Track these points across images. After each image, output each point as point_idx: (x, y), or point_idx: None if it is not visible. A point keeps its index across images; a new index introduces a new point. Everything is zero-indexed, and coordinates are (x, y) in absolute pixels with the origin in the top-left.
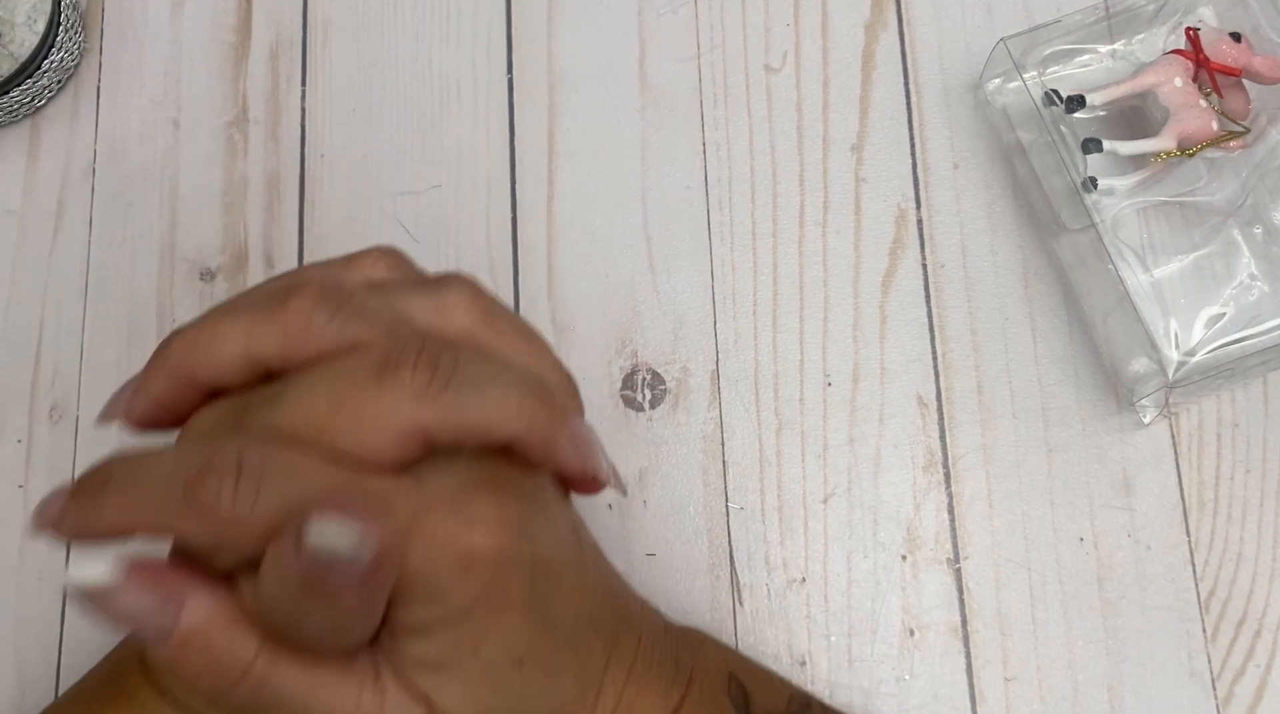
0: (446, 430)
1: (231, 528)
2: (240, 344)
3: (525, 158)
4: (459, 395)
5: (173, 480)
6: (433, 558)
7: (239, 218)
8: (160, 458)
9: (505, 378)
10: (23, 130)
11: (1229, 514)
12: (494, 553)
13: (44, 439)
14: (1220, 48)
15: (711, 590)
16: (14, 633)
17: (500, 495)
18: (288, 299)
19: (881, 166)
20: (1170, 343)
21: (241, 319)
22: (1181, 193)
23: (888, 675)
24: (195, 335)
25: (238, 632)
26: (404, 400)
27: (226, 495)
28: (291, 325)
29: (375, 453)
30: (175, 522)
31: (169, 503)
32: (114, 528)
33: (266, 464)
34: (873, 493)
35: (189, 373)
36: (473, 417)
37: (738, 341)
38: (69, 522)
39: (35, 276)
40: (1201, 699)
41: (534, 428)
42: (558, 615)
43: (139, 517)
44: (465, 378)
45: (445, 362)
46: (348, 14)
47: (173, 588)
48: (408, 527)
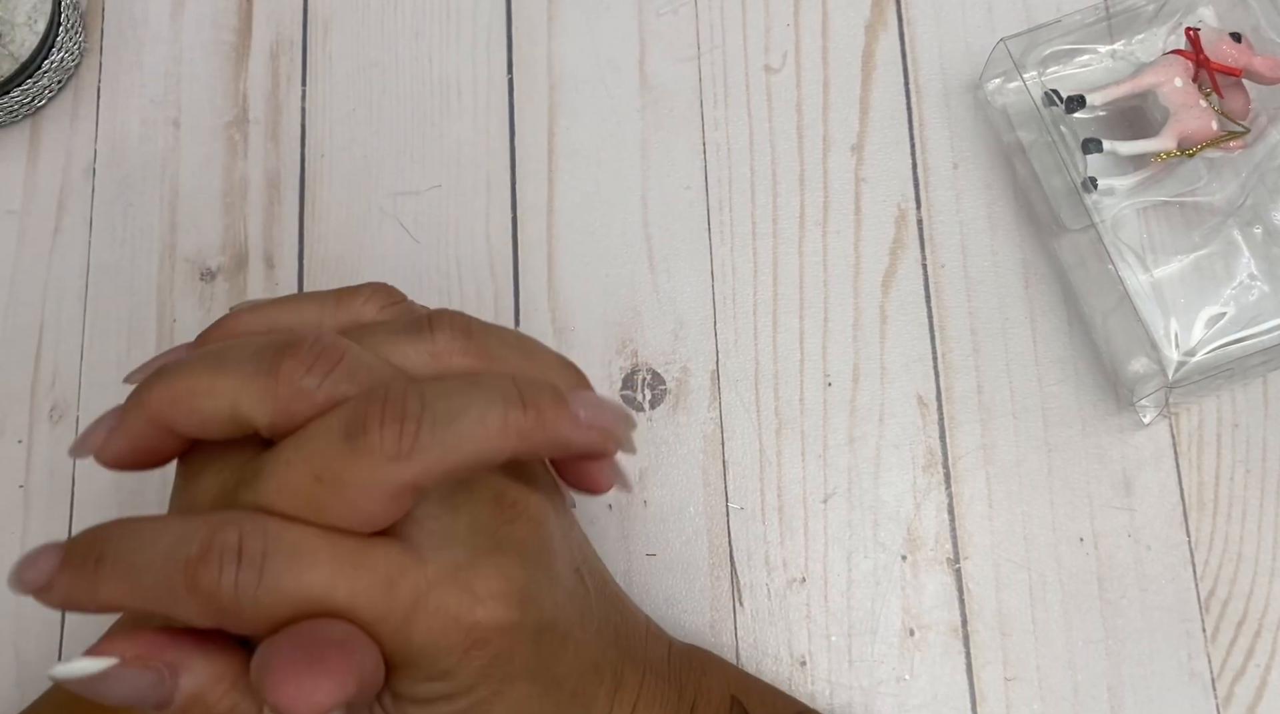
0: (434, 478)
1: (232, 614)
2: (227, 404)
3: (525, 158)
4: (434, 438)
5: (172, 562)
6: (436, 638)
7: (239, 218)
8: (159, 532)
9: (479, 399)
10: (23, 130)
11: (1229, 514)
12: (499, 628)
13: (44, 439)
14: (1220, 48)
15: (711, 590)
16: (14, 633)
17: (502, 565)
18: (279, 362)
19: (881, 166)
20: (1170, 343)
21: (230, 377)
22: (1181, 193)
23: (888, 675)
24: (179, 386)
25: (238, 694)
26: (380, 463)
27: (228, 582)
28: (282, 391)
29: (368, 520)
30: (174, 605)
31: (168, 585)
32: (107, 606)
33: (268, 546)
34: (873, 493)
35: (170, 423)
36: (455, 455)
37: (738, 342)
38: (58, 592)
39: (35, 276)
40: (1201, 699)
41: (525, 434)
42: (563, 674)
43: (135, 598)
44: (436, 416)
45: (412, 408)
46: (348, 14)
47: (167, 661)
48: (410, 609)
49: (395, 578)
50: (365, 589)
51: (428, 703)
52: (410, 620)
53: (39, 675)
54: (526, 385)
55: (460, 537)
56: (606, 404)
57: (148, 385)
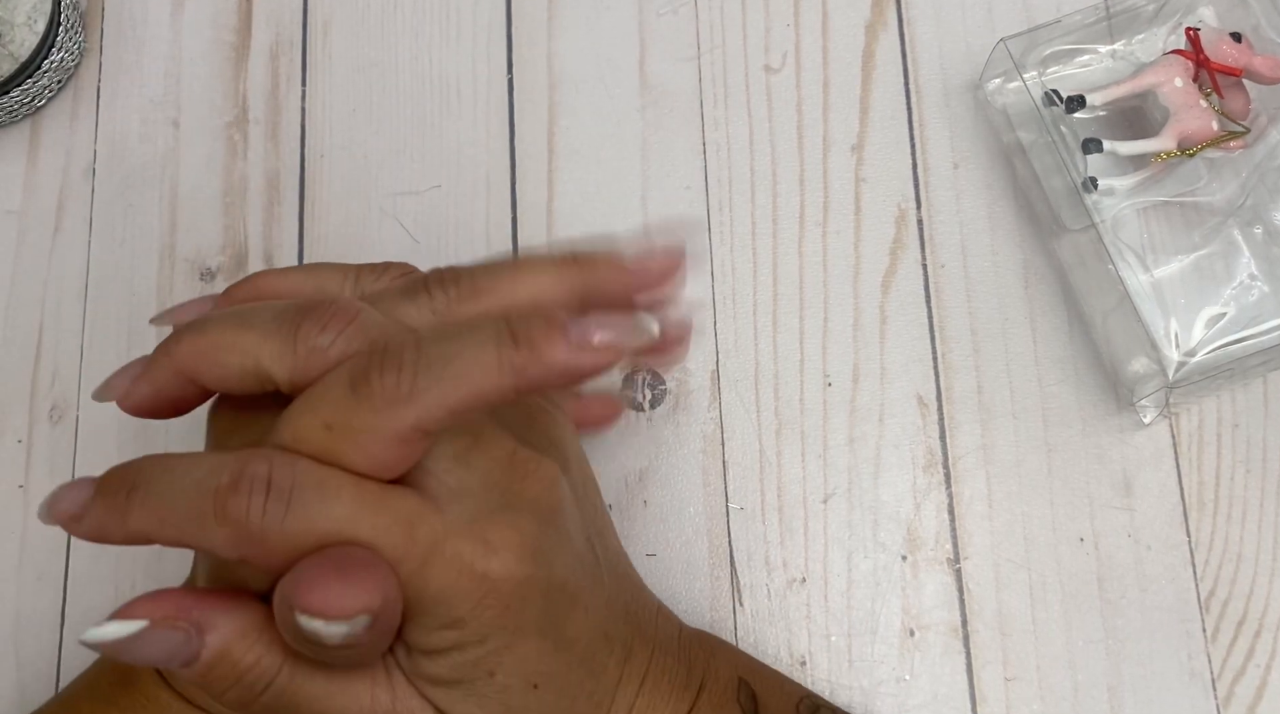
0: (435, 420)
1: (259, 543)
2: (250, 360)
3: (525, 158)
4: (430, 380)
5: (203, 490)
6: (451, 584)
7: (239, 218)
8: (191, 465)
9: (472, 341)
10: (23, 130)
11: (1229, 514)
12: (511, 580)
13: (44, 439)
14: (1220, 48)
15: (711, 591)
16: (14, 633)
17: (515, 519)
18: (300, 322)
19: (881, 166)
20: (1170, 343)
21: (254, 334)
22: (1182, 193)
23: (888, 676)
24: (206, 340)
25: (260, 649)
26: (382, 407)
27: (256, 509)
28: (300, 349)
29: (381, 465)
30: (202, 533)
31: (197, 513)
32: (137, 536)
33: (296, 479)
34: (873, 493)
35: (195, 374)
36: (453, 395)
37: (738, 342)
38: (90, 522)
39: (35, 276)
40: (1201, 699)
41: (520, 368)
42: (573, 636)
43: (165, 526)
44: (431, 360)
45: (409, 355)
46: (348, 14)
47: (193, 620)
48: (428, 553)
49: (414, 522)
50: (387, 528)
51: (440, 653)
52: (427, 564)
53: (39, 675)
54: (519, 321)
55: (475, 491)
56: (610, 317)
57: (176, 338)
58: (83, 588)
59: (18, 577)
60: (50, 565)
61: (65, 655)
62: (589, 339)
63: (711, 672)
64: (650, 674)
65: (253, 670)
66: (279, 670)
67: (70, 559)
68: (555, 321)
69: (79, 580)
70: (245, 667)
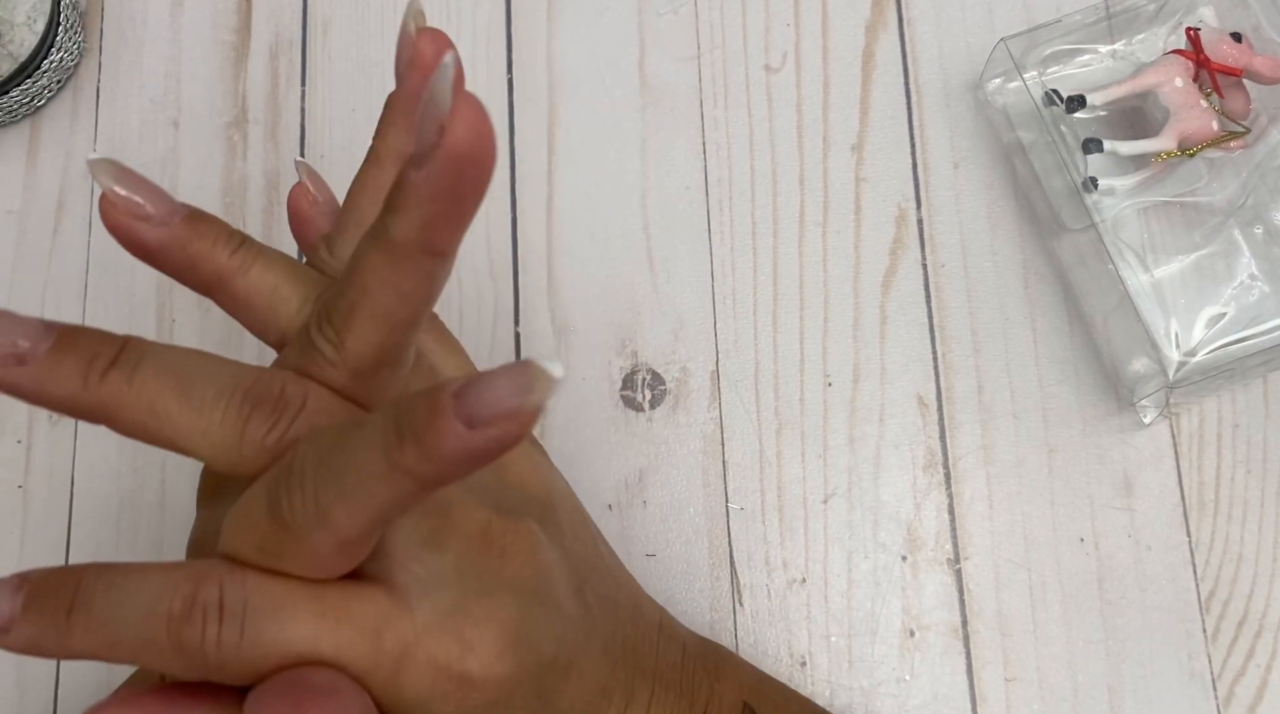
0: (359, 534)
1: (217, 669)
2: (189, 445)
3: (525, 158)
4: (333, 498)
5: (154, 616)
6: (428, 689)
7: (239, 218)
8: (138, 585)
9: (361, 443)
10: (22, 130)
11: (1229, 514)
12: (494, 678)
13: (43, 440)
14: (1221, 48)
15: (711, 591)
16: None
17: (494, 608)
18: (249, 417)
19: (881, 166)
20: (1171, 343)
21: (195, 416)
22: (1182, 193)
23: (888, 676)
24: (140, 397)
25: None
26: (301, 534)
27: (211, 638)
28: (245, 451)
29: (328, 571)
30: (159, 661)
31: (150, 643)
32: (78, 655)
33: (248, 601)
34: (873, 493)
35: (115, 423)
36: (360, 511)
37: (738, 342)
38: (21, 638)
39: (35, 276)
40: (1202, 699)
41: (413, 470)
42: (566, 707)
43: (114, 650)
44: (325, 476)
45: (310, 471)
46: (348, 14)
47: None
48: (399, 660)
49: (381, 628)
50: (350, 642)
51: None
52: (400, 672)
53: (39, 676)
54: (405, 410)
55: (449, 579)
56: (500, 376)
57: (102, 371)
58: None
59: None
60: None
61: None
62: (482, 412)
63: (715, 697)
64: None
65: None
66: None
67: (70, 560)
68: (439, 404)
69: None
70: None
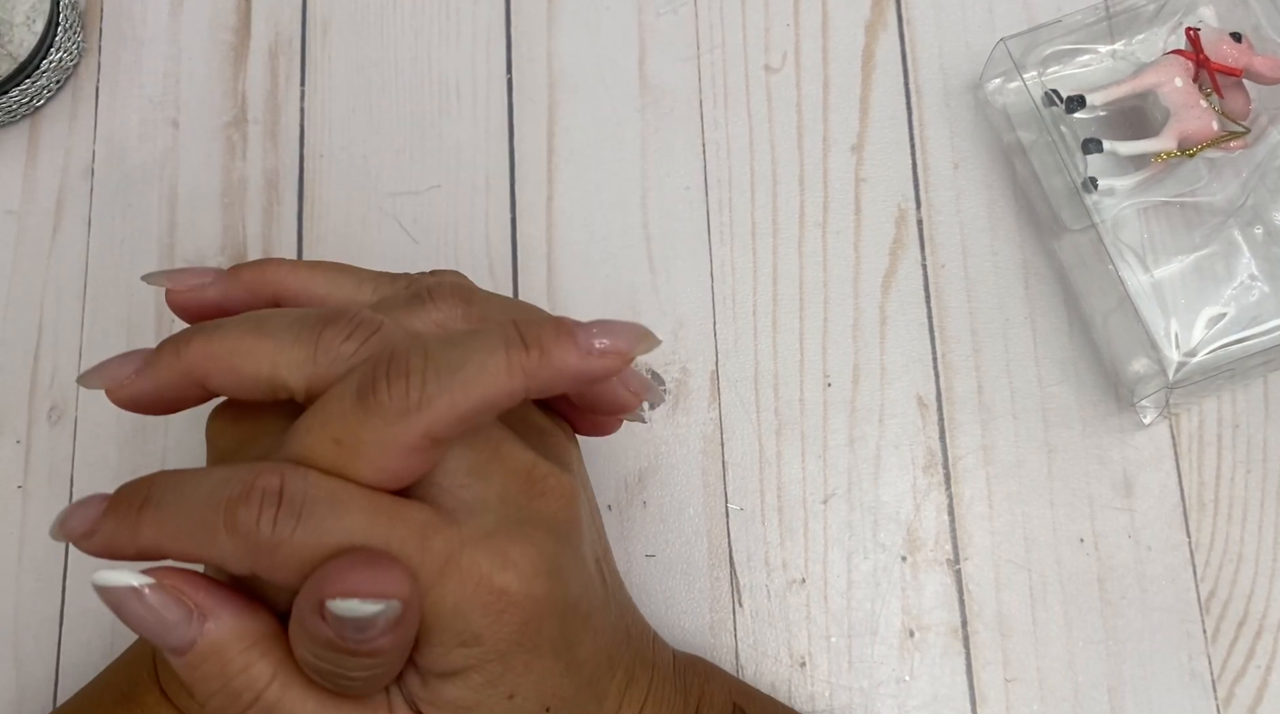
0: (445, 426)
1: (269, 555)
2: (266, 367)
3: (525, 158)
4: (440, 387)
5: (213, 502)
6: (468, 598)
7: (238, 218)
8: (202, 479)
9: (481, 345)
10: (22, 130)
11: (1229, 515)
12: (529, 596)
13: (42, 440)
14: (1221, 48)
15: (711, 591)
16: (14, 633)
17: (533, 535)
18: (322, 331)
19: (881, 166)
20: (1171, 343)
21: (271, 341)
22: (1182, 193)
23: (888, 676)
24: (221, 344)
25: (255, 655)
26: (392, 419)
27: (266, 521)
28: (320, 357)
29: (391, 477)
30: (212, 545)
31: (207, 525)
32: (148, 550)
33: (308, 492)
34: (873, 494)
35: (204, 377)
36: (464, 401)
37: (738, 342)
38: (101, 537)
39: (34, 276)
40: (1202, 700)
41: (531, 371)
42: (583, 658)
43: (175, 539)
44: (440, 367)
45: (415, 362)
46: (347, 14)
47: (198, 602)
48: (443, 565)
49: (429, 533)
50: (401, 539)
51: (458, 674)
52: (443, 576)
53: (39, 676)
54: (526, 325)
55: (492, 506)
56: (616, 325)
57: (186, 338)
58: (82, 589)
59: (16, 578)
60: (49, 567)
61: (64, 657)
62: (595, 344)
63: (707, 697)
64: (649, 700)
65: (241, 675)
66: (269, 683)
67: (69, 561)
68: (563, 326)
69: (78, 582)
70: (235, 669)
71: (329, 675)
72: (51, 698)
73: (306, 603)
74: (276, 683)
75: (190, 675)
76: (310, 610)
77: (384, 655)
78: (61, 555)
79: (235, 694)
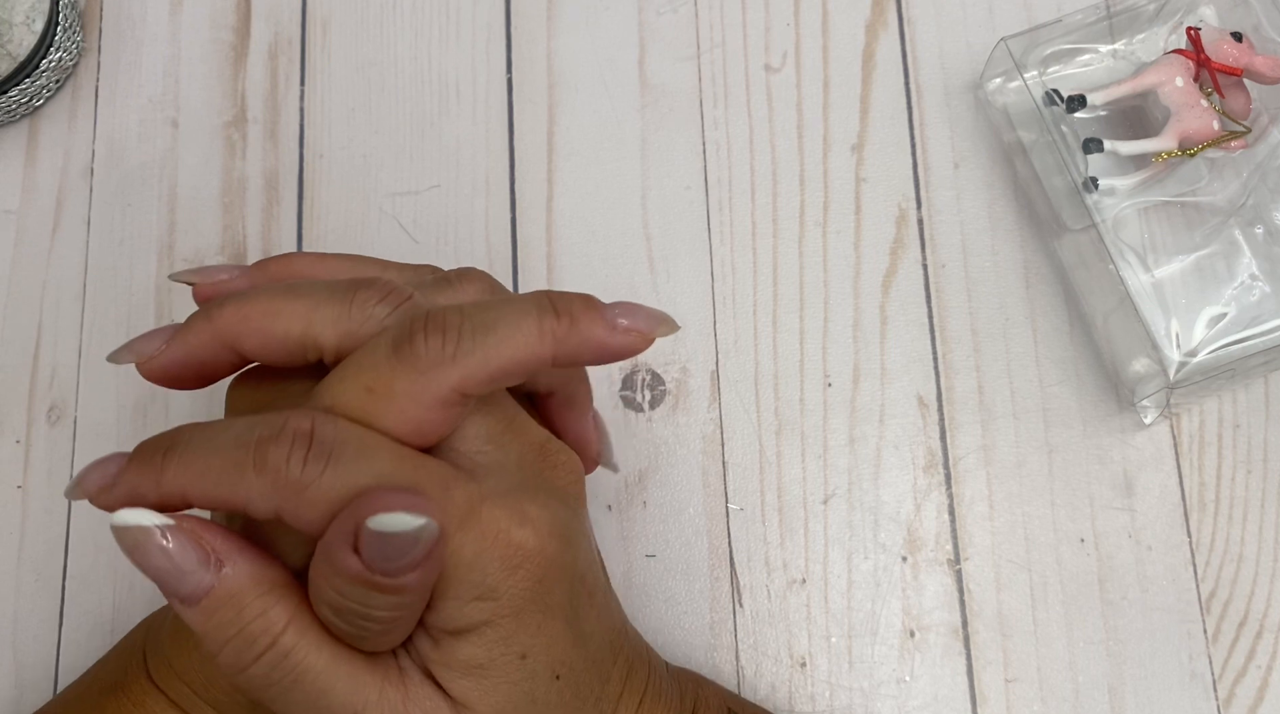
0: (476, 382)
1: (297, 495)
2: (299, 326)
3: (525, 158)
4: (474, 344)
5: (242, 443)
6: (485, 551)
7: (238, 218)
8: (230, 424)
9: (514, 309)
10: (21, 130)
11: (1230, 515)
12: (544, 554)
13: (42, 439)
14: (1221, 47)
15: (711, 592)
16: (13, 633)
17: (547, 500)
18: (356, 291)
19: (882, 166)
20: (1171, 343)
21: (304, 301)
22: (1183, 193)
23: (888, 677)
24: (254, 308)
25: (271, 601)
26: (425, 369)
27: (296, 461)
28: (355, 314)
29: (419, 429)
30: (240, 484)
31: (235, 465)
32: (172, 495)
33: (338, 436)
34: (873, 494)
35: (235, 339)
36: (495, 359)
37: (738, 342)
38: (123, 486)
39: (34, 276)
40: (1202, 700)
41: (560, 338)
42: (589, 631)
43: (202, 479)
44: (475, 325)
45: (452, 319)
46: (347, 14)
47: (215, 547)
48: (464, 516)
49: (451, 485)
50: (425, 486)
51: (472, 631)
52: (463, 527)
53: (38, 676)
54: (558, 296)
55: (509, 469)
56: (640, 308)
57: (219, 303)
58: (81, 588)
59: (16, 577)
60: (48, 566)
61: (63, 656)
62: (620, 322)
63: (702, 699)
64: (648, 694)
65: (256, 622)
66: (283, 629)
67: (69, 560)
68: (593, 301)
69: (77, 581)
70: (250, 615)
71: (350, 616)
72: (51, 697)
73: (338, 535)
74: (292, 629)
75: (204, 623)
76: (341, 541)
77: (408, 594)
78: (61, 555)
79: (250, 640)
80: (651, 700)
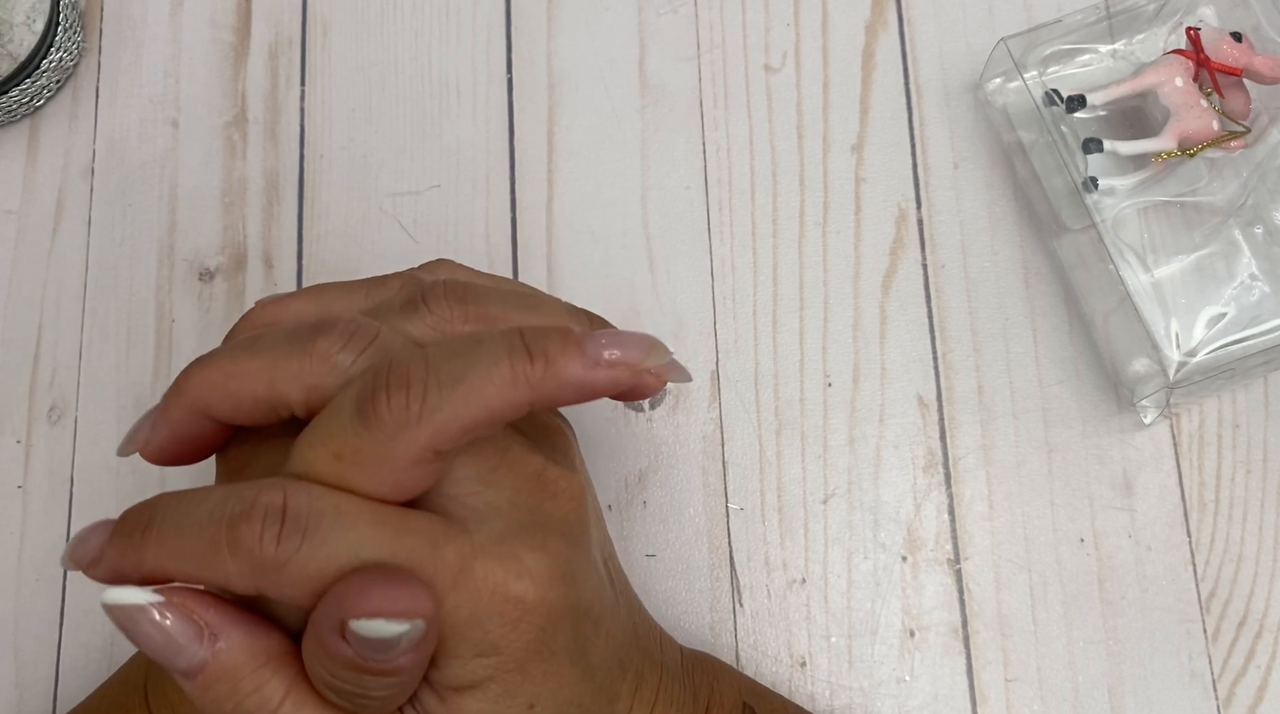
0: (448, 438)
1: (275, 574)
2: (262, 386)
3: (525, 158)
4: (442, 399)
5: (215, 520)
6: (483, 608)
7: (238, 218)
8: (204, 497)
9: (484, 355)
10: (21, 130)
11: (1230, 515)
12: (544, 603)
13: (43, 439)
14: (1221, 47)
15: (711, 592)
16: (13, 633)
17: (546, 540)
18: (313, 340)
19: (882, 166)
20: (1171, 343)
21: (265, 358)
22: (1182, 193)
23: (888, 676)
24: (216, 371)
25: (267, 674)
26: (393, 432)
27: (270, 539)
28: (316, 368)
29: (396, 489)
30: (215, 565)
31: (210, 545)
32: (154, 573)
33: (313, 507)
34: (873, 494)
35: (207, 407)
36: (466, 413)
37: (738, 342)
38: (107, 563)
39: (34, 277)
40: (1202, 700)
41: (536, 383)
42: (596, 663)
43: (179, 560)
44: (441, 378)
45: (416, 373)
46: (347, 14)
47: (208, 621)
48: (456, 575)
49: (439, 542)
50: (410, 551)
51: (477, 687)
52: (457, 586)
53: (39, 676)
54: (532, 334)
55: (503, 511)
56: (626, 336)
57: (186, 374)
58: (82, 589)
59: (17, 577)
60: (49, 566)
61: (64, 657)
62: (603, 355)
63: (716, 696)
64: (659, 702)
65: (252, 697)
66: (280, 703)
67: None
68: (570, 336)
69: (78, 581)
70: (246, 690)
71: (347, 695)
72: (51, 698)
73: (325, 623)
74: (289, 702)
75: (202, 698)
76: (330, 630)
77: (405, 673)
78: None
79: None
80: (663, 708)
